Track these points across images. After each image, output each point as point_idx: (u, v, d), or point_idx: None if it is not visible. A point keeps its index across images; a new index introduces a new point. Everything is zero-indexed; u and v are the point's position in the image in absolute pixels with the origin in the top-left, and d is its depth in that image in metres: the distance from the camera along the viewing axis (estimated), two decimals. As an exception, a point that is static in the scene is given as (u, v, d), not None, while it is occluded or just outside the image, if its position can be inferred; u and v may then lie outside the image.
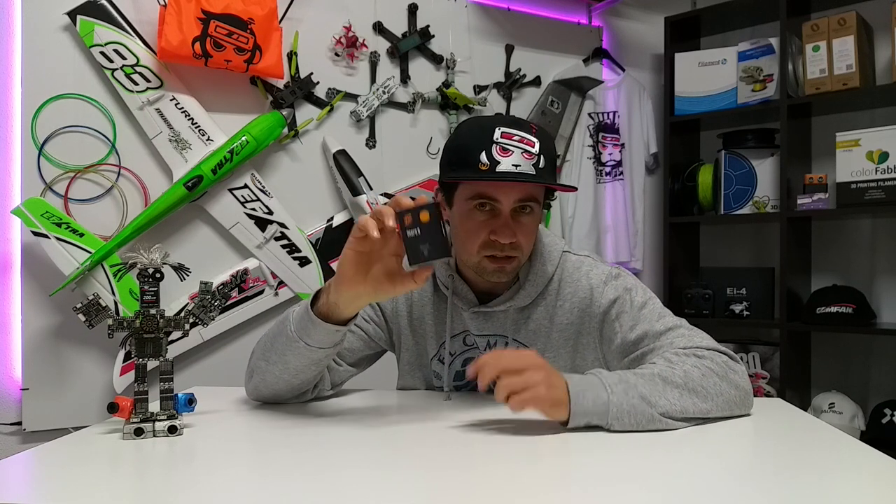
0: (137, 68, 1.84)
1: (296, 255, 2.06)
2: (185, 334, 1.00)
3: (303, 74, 2.09)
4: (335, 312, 0.97)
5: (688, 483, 0.73)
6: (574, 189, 1.17)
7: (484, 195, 1.05)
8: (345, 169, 2.09)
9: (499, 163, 1.01)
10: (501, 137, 1.02)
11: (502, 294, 1.15)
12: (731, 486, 0.73)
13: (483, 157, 1.01)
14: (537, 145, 1.03)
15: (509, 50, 2.47)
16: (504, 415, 1.04)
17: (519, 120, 1.07)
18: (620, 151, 2.68)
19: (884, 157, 2.21)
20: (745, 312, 2.55)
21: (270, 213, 2.02)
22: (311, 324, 0.97)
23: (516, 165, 1.01)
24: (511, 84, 2.46)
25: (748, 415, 1.02)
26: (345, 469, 0.78)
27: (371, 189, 2.11)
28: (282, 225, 2.03)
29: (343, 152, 2.11)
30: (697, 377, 0.96)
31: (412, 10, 2.27)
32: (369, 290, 0.95)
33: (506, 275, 1.10)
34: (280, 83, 2.05)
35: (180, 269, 1.02)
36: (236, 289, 1.99)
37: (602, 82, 2.62)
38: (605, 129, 2.65)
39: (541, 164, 1.03)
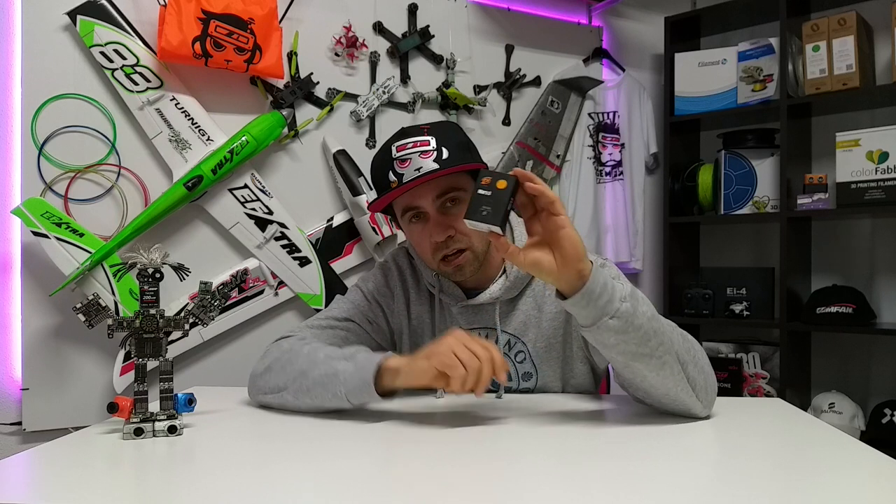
0: (137, 68, 1.84)
1: (296, 255, 2.06)
2: (185, 334, 1.00)
3: (303, 74, 2.09)
4: (391, 380, 1.00)
5: (687, 483, 0.73)
6: (483, 165, 1.14)
7: (408, 207, 1.11)
8: (345, 169, 2.09)
9: (402, 174, 1.07)
10: (397, 152, 1.08)
11: (488, 287, 1.16)
12: (731, 486, 0.73)
13: (391, 175, 1.08)
14: (432, 141, 1.08)
15: (509, 50, 2.47)
16: (497, 413, 1.04)
17: (408, 129, 1.11)
18: (620, 151, 2.68)
19: (884, 157, 2.21)
20: (745, 312, 2.55)
21: (270, 213, 2.02)
22: (368, 395, 0.99)
23: (418, 169, 1.06)
24: (511, 84, 2.46)
25: (708, 417, 1.00)
26: (344, 468, 0.78)
27: (371, 189, 2.11)
28: (282, 225, 2.03)
29: (343, 152, 2.11)
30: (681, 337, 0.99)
31: (412, 10, 2.27)
32: (435, 385, 0.98)
33: (464, 271, 1.12)
34: (280, 83, 2.05)
35: (180, 269, 1.02)
36: (236, 289, 1.99)
37: (602, 82, 2.62)
38: (605, 129, 2.65)
39: (444, 156, 1.07)
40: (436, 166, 1.06)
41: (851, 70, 2.27)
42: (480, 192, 0.88)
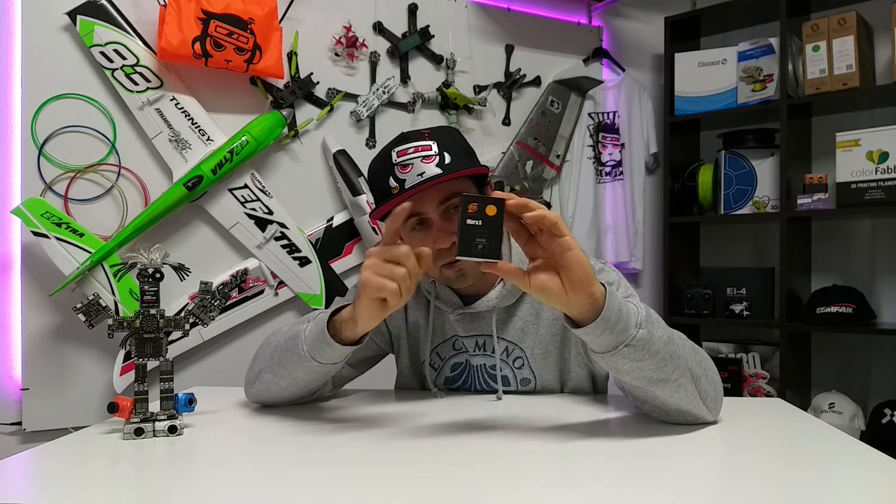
0: (137, 68, 1.84)
1: (296, 255, 2.06)
2: (185, 334, 1.00)
3: (303, 74, 2.09)
4: (350, 331, 0.95)
5: (688, 483, 0.73)
6: (486, 169, 1.12)
7: (411, 213, 1.05)
8: (345, 169, 2.09)
9: (404, 180, 1.04)
10: (398, 157, 1.05)
11: (486, 295, 1.15)
12: (731, 486, 0.73)
13: (391, 181, 1.05)
14: (434, 145, 1.05)
15: (509, 50, 2.47)
16: (496, 413, 1.04)
17: (409, 133, 1.09)
18: (620, 151, 2.68)
19: (884, 157, 2.21)
20: (745, 312, 2.55)
21: (270, 213, 2.02)
22: (327, 345, 0.96)
23: (420, 174, 1.03)
24: (511, 84, 2.46)
25: (715, 422, 0.98)
26: (343, 468, 0.78)
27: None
28: (282, 225, 2.03)
29: (343, 152, 2.11)
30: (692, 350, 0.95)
31: (412, 10, 2.27)
32: (387, 314, 0.92)
33: (466, 277, 1.10)
34: (280, 83, 2.05)
35: (180, 269, 1.02)
36: (236, 289, 1.99)
37: (602, 82, 2.62)
38: (605, 129, 2.65)
39: (446, 161, 1.04)
40: (439, 171, 1.03)
41: (851, 70, 2.27)
42: (469, 221, 0.80)
